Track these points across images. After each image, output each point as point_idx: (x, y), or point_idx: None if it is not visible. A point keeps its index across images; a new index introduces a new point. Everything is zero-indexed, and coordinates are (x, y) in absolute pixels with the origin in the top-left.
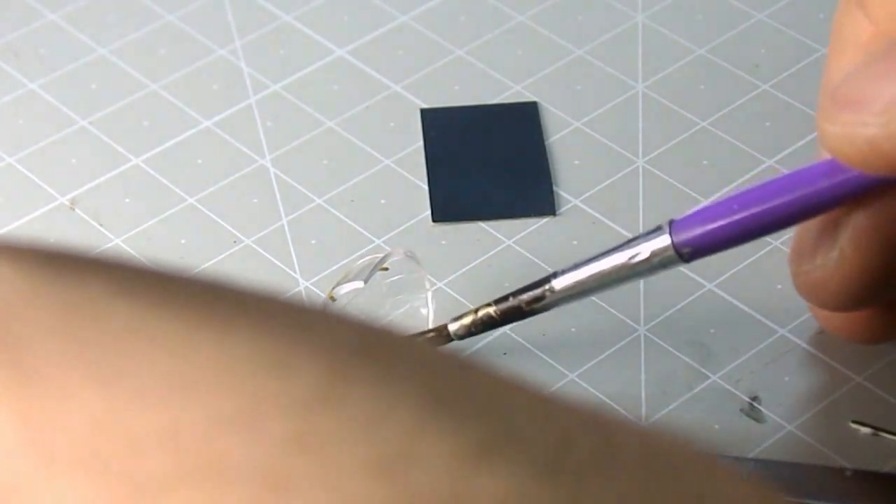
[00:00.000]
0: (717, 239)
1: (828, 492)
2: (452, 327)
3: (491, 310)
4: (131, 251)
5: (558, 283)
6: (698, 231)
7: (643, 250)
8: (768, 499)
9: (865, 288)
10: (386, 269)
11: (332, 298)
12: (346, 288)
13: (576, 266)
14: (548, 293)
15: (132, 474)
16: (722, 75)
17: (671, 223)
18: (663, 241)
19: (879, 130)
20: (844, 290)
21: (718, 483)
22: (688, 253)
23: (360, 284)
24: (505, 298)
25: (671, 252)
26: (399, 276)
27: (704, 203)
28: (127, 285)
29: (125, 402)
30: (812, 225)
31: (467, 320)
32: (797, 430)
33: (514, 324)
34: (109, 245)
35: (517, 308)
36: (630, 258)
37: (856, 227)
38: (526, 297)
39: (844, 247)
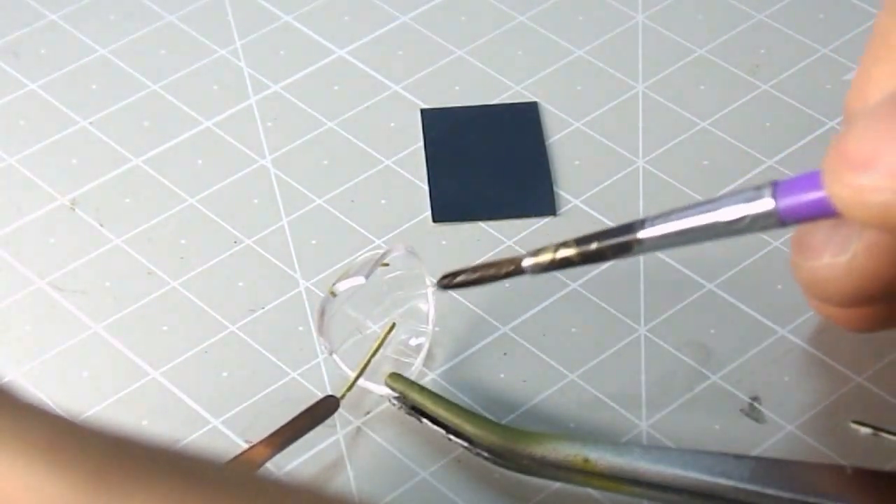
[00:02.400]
0: (823, 208)
1: (828, 490)
2: (527, 263)
3: (571, 252)
4: (131, 251)
5: (645, 234)
6: (806, 198)
7: (741, 211)
8: None
9: (875, 292)
10: (387, 264)
11: (333, 294)
12: (346, 284)
13: (665, 217)
14: (635, 245)
15: None
16: (722, 75)
17: (775, 185)
18: (766, 204)
19: (891, 196)
20: (853, 291)
21: None
22: (790, 219)
23: (360, 280)
24: (587, 241)
25: (773, 218)
26: (400, 272)
27: (810, 171)
28: None
29: None
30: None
31: (544, 259)
32: (797, 430)
33: (515, 323)
34: (109, 245)
35: (600, 253)
36: (725, 218)
37: (873, 236)
38: (610, 243)
39: (858, 252)
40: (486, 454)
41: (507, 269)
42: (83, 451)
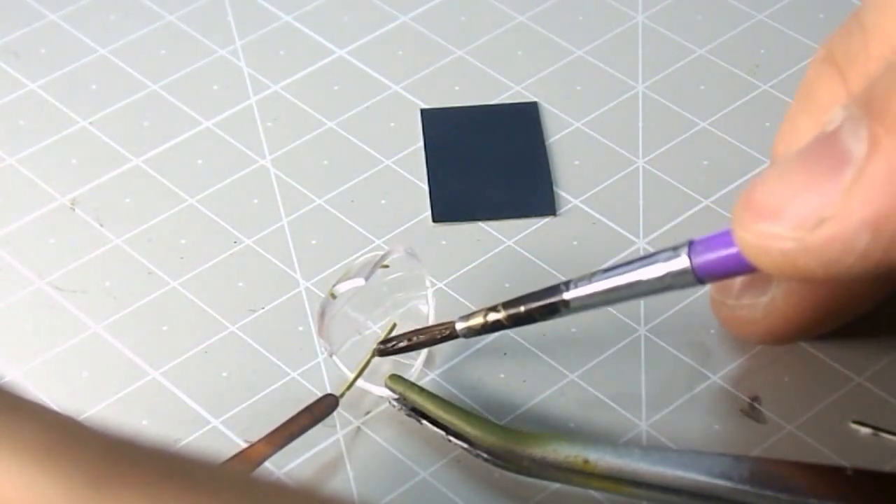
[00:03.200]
0: (738, 265)
1: (828, 492)
2: (459, 326)
3: (500, 316)
4: (131, 251)
5: (570, 295)
6: (720, 254)
7: (659, 270)
8: None
9: (791, 334)
10: (386, 266)
11: (333, 296)
12: (346, 285)
13: (589, 278)
14: (561, 306)
15: None
16: (722, 75)
17: (690, 244)
18: (682, 262)
19: (794, 245)
20: (770, 332)
21: None
22: (706, 277)
23: (360, 282)
24: (515, 304)
25: (690, 276)
26: (399, 274)
27: (725, 228)
28: None
29: None
30: None
31: (476, 323)
32: (797, 430)
33: None
34: (109, 245)
35: (528, 316)
36: (645, 277)
37: (791, 282)
38: (537, 305)
39: (777, 296)
40: (485, 456)
41: (441, 334)
42: (79, 453)
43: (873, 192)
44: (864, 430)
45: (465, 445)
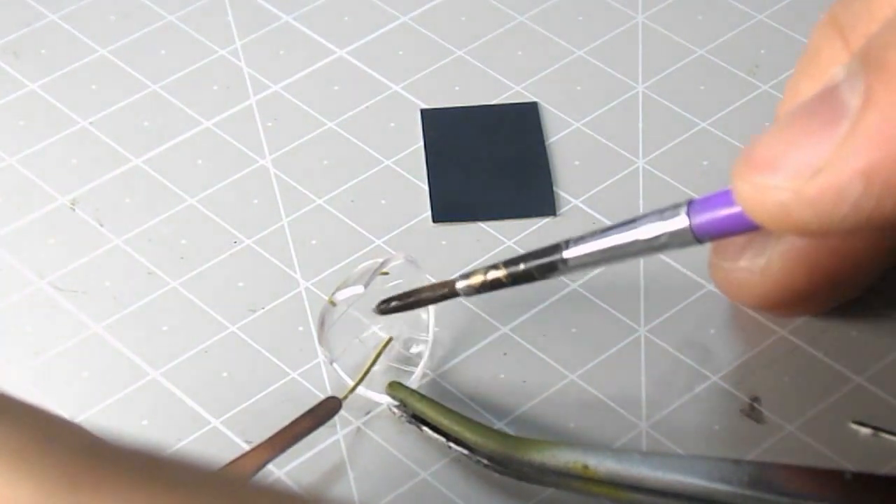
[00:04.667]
0: (736, 223)
1: (827, 495)
2: (460, 285)
3: (500, 274)
4: (131, 251)
5: (569, 254)
6: (719, 213)
7: (658, 230)
8: None
9: (787, 298)
10: (386, 273)
11: (333, 303)
12: (345, 293)
13: (588, 237)
14: (560, 264)
15: None
16: (722, 75)
17: (690, 203)
18: (681, 222)
19: (790, 196)
20: (766, 296)
21: None
22: (705, 236)
23: (360, 289)
24: (515, 262)
25: (688, 235)
26: (399, 281)
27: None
28: None
29: None
30: None
31: (476, 281)
32: (797, 431)
33: (515, 323)
34: (109, 245)
35: (528, 274)
36: (644, 237)
37: (788, 244)
38: (537, 263)
39: (773, 260)
40: (485, 462)
41: (441, 292)
42: (53, 453)
43: (866, 143)
44: (864, 431)
45: (466, 451)
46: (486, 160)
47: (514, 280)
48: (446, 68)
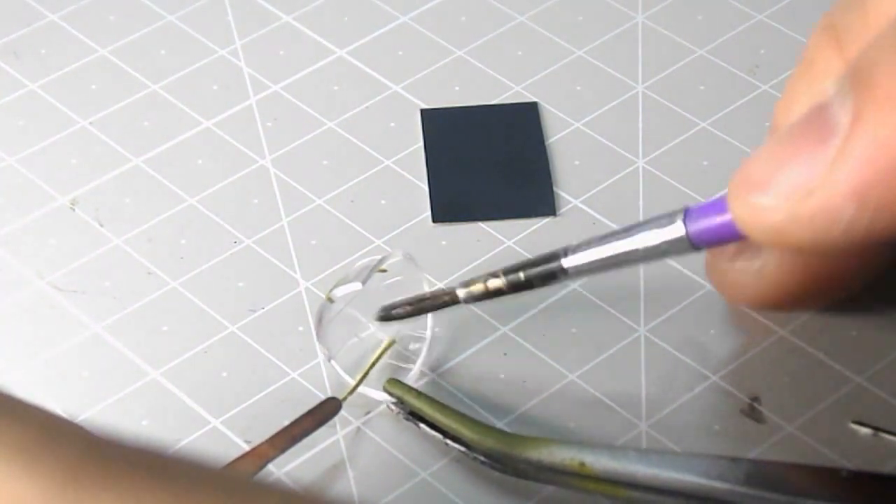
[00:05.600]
0: (732, 231)
1: (824, 493)
2: (461, 293)
3: (500, 283)
4: (131, 251)
5: (568, 262)
6: (714, 221)
7: (655, 238)
8: None
9: (782, 299)
10: (384, 270)
11: (330, 300)
12: (343, 290)
13: (586, 245)
14: (559, 272)
15: None
16: (722, 75)
17: (686, 211)
18: (677, 230)
19: (784, 216)
20: (763, 296)
21: None
22: (702, 243)
23: (357, 286)
24: (515, 270)
25: (685, 242)
26: (397, 278)
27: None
28: None
29: None
30: None
31: (477, 289)
32: (797, 431)
33: (515, 323)
34: (109, 245)
35: (528, 282)
36: (642, 245)
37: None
38: (536, 272)
39: (769, 260)
40: (482, 459)
41: (443, 300)
42: (57, 451)
43: (857, 163)
44: (864, 430)
45: (463, 448)
46: (486, 160)
47: (514, 288)
48: (446, 68)
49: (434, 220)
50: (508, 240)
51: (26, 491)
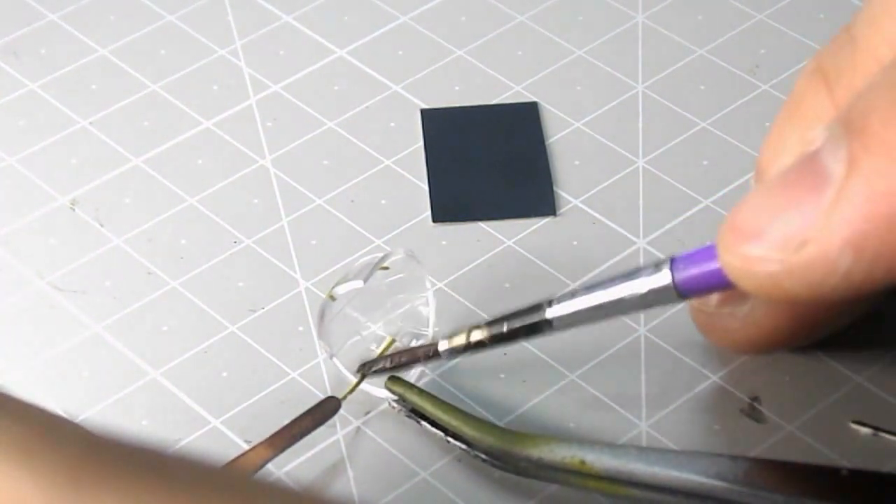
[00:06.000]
0: (720, 280)
1: (823, 492)
2: (442, 347)
3: (483, 335)
4: (131, 251)
5: (552, 314)
6: (702, 270)
7: (642, 287)
8: None
9: (771, 344)
10: (386, 268)
11: (332, 298)
12: (345, 287)
13: (571, 295)
14: (545, 326)
15: None
16: (722, 75)
17: (672, 261)
18: (663, 278)
19: (778, 267)
20: (749, 342)
21: None
22: (689, 293)
23: (359, 284)
24: (498, 323)
25: (672, 292)
26: (399, 276)
27: (708, 243)
28: None
29: None
30: None
31: (459, 343)
32: (797, 431)
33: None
34: (109, 245)
35: (512, 334)
36: (627, 293)
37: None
38: (519, 324)
39: (756, 306)
40: (483, 456)
41: (424, 355)
42: (58, 451)
43: (853, 213)
44: (864, 430)
45: (464, 446)
46: (486, 160)
47: (496, 340)
48: (446, 68)
49: (434, 220)
50: (508, 240)
51: (26, 491)
